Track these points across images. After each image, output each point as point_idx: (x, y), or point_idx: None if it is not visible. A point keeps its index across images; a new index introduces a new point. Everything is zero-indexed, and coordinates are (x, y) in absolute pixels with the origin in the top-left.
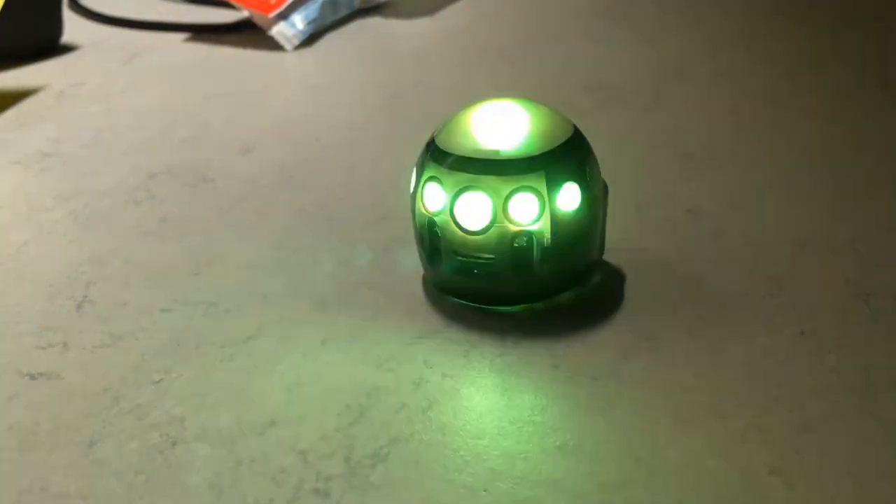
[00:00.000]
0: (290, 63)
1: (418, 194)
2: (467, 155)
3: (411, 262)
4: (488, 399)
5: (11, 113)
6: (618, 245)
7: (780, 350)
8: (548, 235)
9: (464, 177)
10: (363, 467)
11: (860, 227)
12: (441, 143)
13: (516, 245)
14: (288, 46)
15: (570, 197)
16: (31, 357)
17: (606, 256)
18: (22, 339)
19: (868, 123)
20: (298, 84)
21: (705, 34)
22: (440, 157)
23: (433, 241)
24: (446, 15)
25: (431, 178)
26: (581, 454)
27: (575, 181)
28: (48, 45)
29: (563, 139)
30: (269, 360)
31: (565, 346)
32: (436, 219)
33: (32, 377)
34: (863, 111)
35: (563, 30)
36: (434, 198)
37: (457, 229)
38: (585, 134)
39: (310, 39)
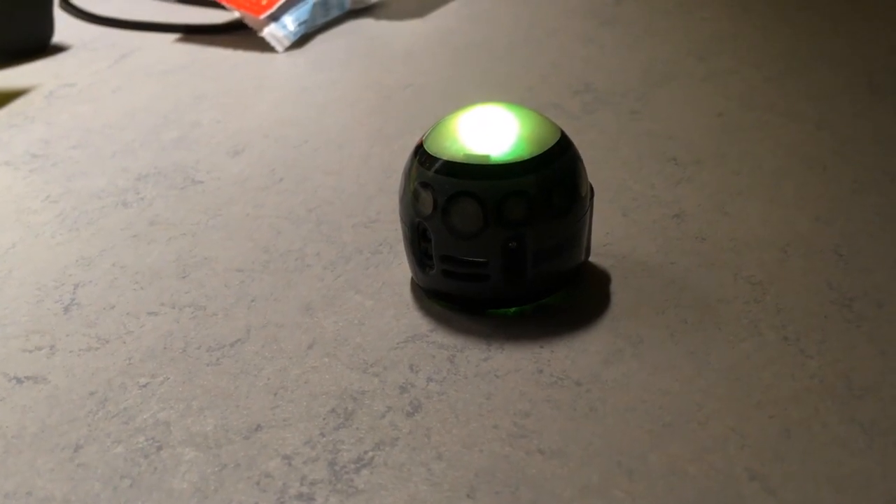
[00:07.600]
0: (281, 64)
1: (408, 199)
2: (457, 160)
3: (399, 266)
4: (473, 403)
5: (1, 114)
6: (603, 248)
7: (762, 355)
8: (538, 238)
9: (455, 182)
10: (348, 472)
11: (844, 232)
12: (430, 148)
13: (508, 248)
14: (279, 48)
15: (559, 200)
16: (18, 360)
17: (592, 259)
18: (8, 342)
19: (854, 127)
20: (289, 86)
21: (693, 37)
22: (429, 162)
23: (424, 245)
24: (437, 16)
25: (422, 184)
26: (564, 458)
27: (563, 185)
28: (39, 45)
29: (551, 143)
30: (255, 364)
31: (550, 350)
32: (427, 223)
33: (19, 381)
34: (849, 115)
35: (553, 31)
36: (425, 202)
37: (448, 234)
38: (572, 138)
39: (301, 41)
